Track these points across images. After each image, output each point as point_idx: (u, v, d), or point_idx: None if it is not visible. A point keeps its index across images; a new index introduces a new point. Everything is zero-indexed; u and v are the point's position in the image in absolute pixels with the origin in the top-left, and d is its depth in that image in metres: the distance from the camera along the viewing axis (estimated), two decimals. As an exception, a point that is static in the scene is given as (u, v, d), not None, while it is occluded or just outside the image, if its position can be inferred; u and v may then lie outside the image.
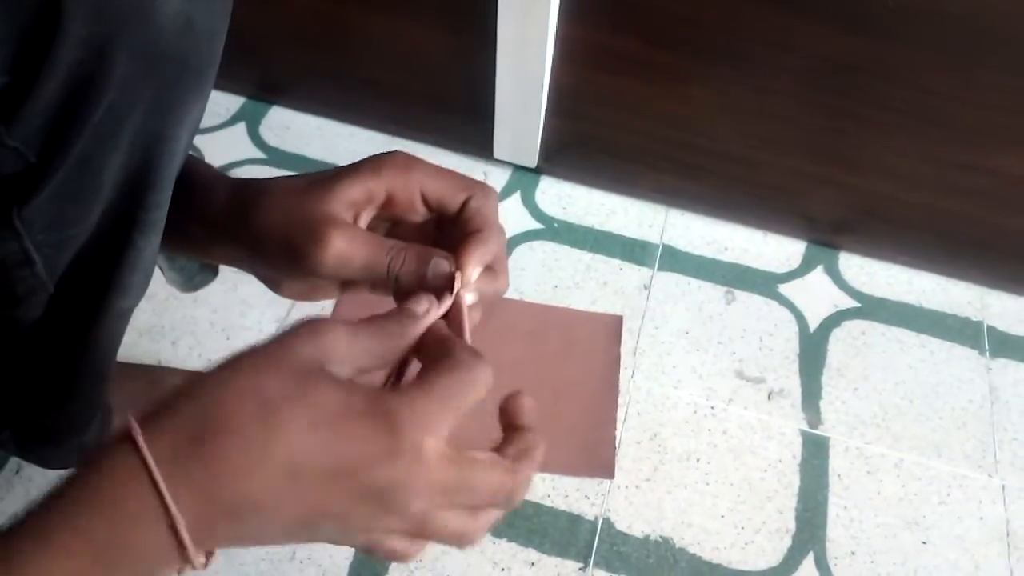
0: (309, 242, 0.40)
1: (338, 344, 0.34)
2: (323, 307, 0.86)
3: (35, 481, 0.71)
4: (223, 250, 0.48)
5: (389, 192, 0.42)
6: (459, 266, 0.40)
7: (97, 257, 0.45)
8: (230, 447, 0.31)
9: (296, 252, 0.41)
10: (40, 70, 0.35)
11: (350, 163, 0.43)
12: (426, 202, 0.43)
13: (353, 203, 0.42)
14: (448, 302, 0.39)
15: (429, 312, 0.38)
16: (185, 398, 0.32)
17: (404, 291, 0.41)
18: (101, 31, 0.35)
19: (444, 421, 0.34)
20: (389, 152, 0.43)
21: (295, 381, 0.32)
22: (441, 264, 0.40)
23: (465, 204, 0.42)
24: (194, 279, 0.60)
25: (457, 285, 0.40)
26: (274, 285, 0.47)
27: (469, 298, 0.40)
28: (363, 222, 0.43)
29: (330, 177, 0.42)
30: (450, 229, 0.43)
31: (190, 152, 0.47)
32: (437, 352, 0.36)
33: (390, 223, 0.45)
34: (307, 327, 0.34)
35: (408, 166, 0.43)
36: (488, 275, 0.42)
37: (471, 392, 0.35)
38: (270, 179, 0.44)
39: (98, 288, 0.47)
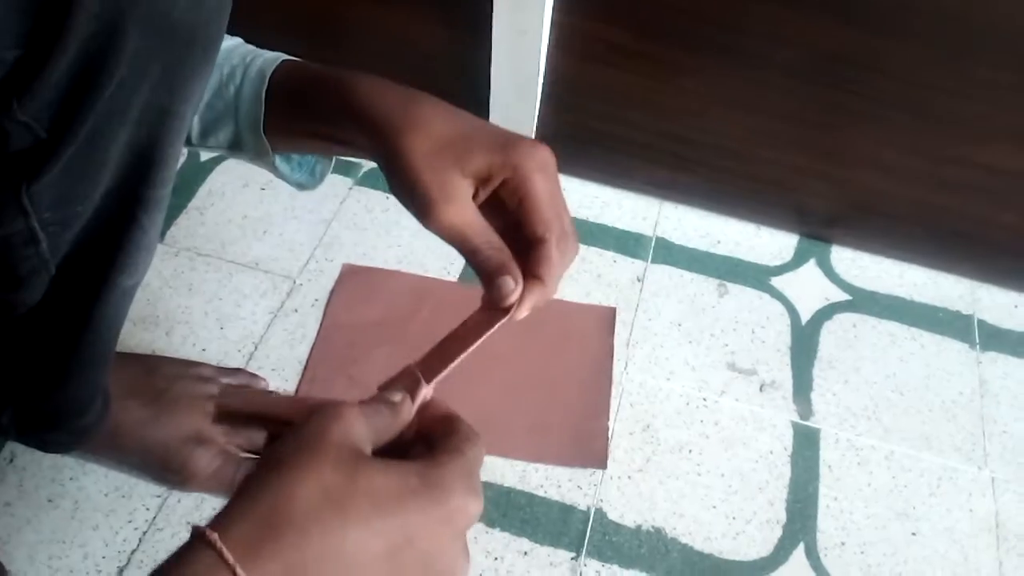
0: (426, 203, 0.43)
1: (356, 425, 0.36)
2: (318, 298, 0.86)
3: (29, 470, 0.71)
4: (356, 154, 0.50)
5: (507, 178, 0.44)
6: (513, 312, 0.44)
7: (101, 235, 0.45)
8: (307, 537, 0.31)
9: (415, 202, 0.44)
10: (53, 44, 0.35)
11: (491, 128, 0.46)
12: (521, 202, 0.45)
13: (477, 176, 0.44)
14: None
15: (403, 401, 0.41)
16: (249, 495, 0.33)
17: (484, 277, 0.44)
18: (114, 5, 0.35)
19: (480, 487, 0.37)
20: (532, 141, 0.46)
21: (348, 467, 0.34)
22: (506, 286, 0.43)
23: (543, 239, 0.44)
24: (316, 170, 0.60)
25: (507, 315, 0.44)
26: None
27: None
28: (482, 196, 0.45)
29: (464, 141, 0.44)
30: (521, 235, 0.45)
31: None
32: (443, 428, 0.41)
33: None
34: (332, 412, 0.36)
35: (536, 164, 0.45)
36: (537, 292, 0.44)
37: (481, 461, 0.39)
38: (401, 125, 0.45)
39: (102, 266, 0.47)
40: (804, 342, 0.88)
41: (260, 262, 0.88)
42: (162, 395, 0.69)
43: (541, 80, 0.89)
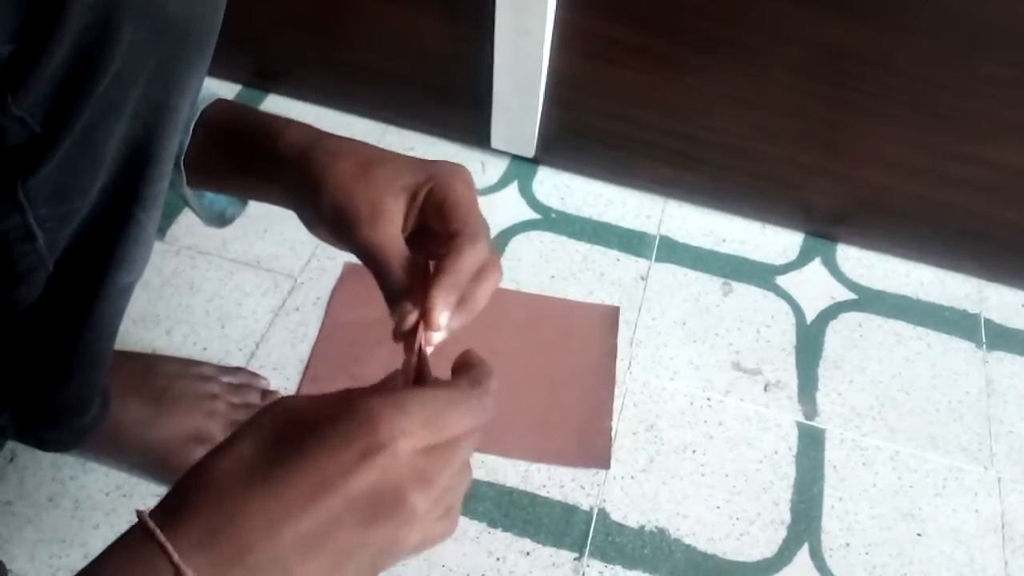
0: (354, 220, 0.44)
1: (296, 402, 0.36)
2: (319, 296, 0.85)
3: (30, 469, 0.71)
4: (272, 196, 0.52)
5: (429, 189, 0.46)
6: (426, 317, 0.42)
7: (98, 232, 0.45)
8: (221, 497, 0.32)
9: (343, 220, 0.45)
10: (47, 38, 0.34)
11: (412, 156, 0.48)
12: (440, 206, 0.45)
13: (405, 191, 0.46)
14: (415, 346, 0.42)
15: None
16: (179, 481, 0.34)
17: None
18: None
19: (423, 433, 0.35)
20: (452, 162, 0.47)
21: (272, 438, 0.34)
22: (403, 310, 0.43)
23: (456, 233, 0.44)
24: (226, 213, 0.62)
25: (418, 340, 0.42)
26: (310, 228, 0.50)
27: (438, 336, 0.43)
28: (412, 213, 0.46)
29: (390, 164, 0.46)
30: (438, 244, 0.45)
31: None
32: (462, 370, 0.40)
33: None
34: (270, 407, 0.36)
35: (455, 175, 0.46)
36: (460, 310, 0.43)
37: (461, 418, 0.37)
38: (334, 150, 0.47)
39: (99, 263, 0.47)
40: (809, 341, 0.87)
41: (261, 260, 0.88)
42: (163, 394, 0.69)
43: (544, 78, 0.88)
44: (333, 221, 0.45)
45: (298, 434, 0.34)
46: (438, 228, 0.45)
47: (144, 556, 0.31)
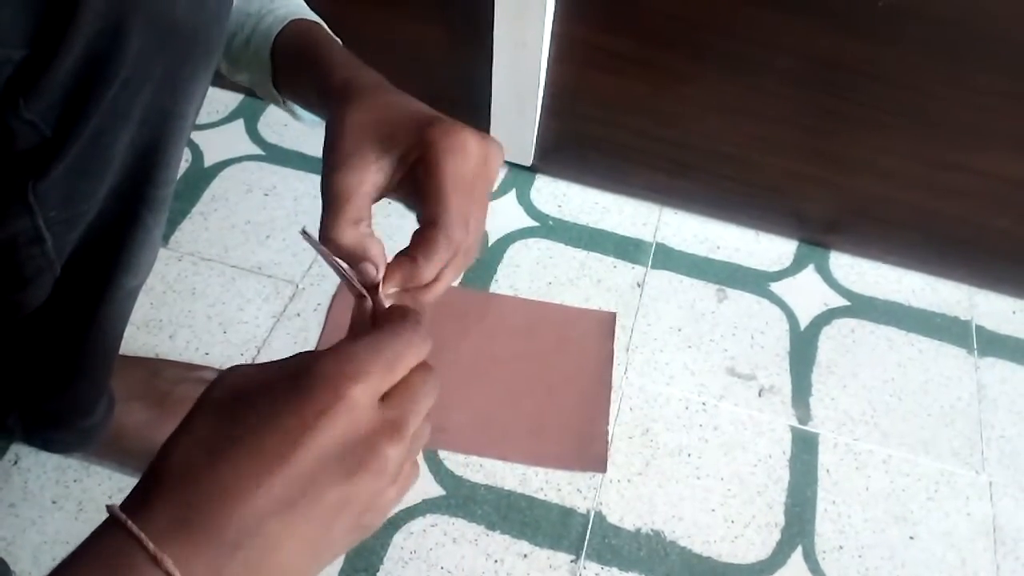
0: (331, 162, 0.41)
1: (242, 375, 0.34)
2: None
3: (33, 472, 0.72)
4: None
5: (420, 156, 0.42)
6: (372, 294, 0.41)
7: (106, 234, 0.46)
8: (184, 482, 0.31)
9: (326, 160, 0.42)
10: (59, 44, 0.35)
11: (423, 111, 0.43)
12: (423, 180, 0.42)
13: (397, 153, 0.42)
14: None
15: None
16: (144, 472, 0.33)
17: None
18: (119, 6, 0.36)
19: (373, 373, 0.33)
20: (458, 124, 0.42)
21: (220, 413, 0.33)
22: (365, 272, 0.41)
23: (432, 222, 0.41)
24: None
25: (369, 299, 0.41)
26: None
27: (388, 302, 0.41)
28: (398, 174, 0.42)
29: (393, 121, 0.42)
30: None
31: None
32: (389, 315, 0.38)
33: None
34: (215, 381, 0.35)
35: (450, 144, 0.41)
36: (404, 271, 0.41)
37: (404, 350, 0.35)
38: (357, 93, 0.44)
39: (106, 265, 0.47)
40: (803, 347, 0.88)
41: (263, 267, 0.89)
42: (166, 398, 0.70)
43: (542, 88, 0.89)
44: (324, 160, 0.43)
45: (251, 400, 0.32)
46: (417, 208, 0.42)
47: (120, 550, 0.30)
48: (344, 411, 0.32)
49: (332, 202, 0.41)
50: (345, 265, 0.41)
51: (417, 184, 0.41)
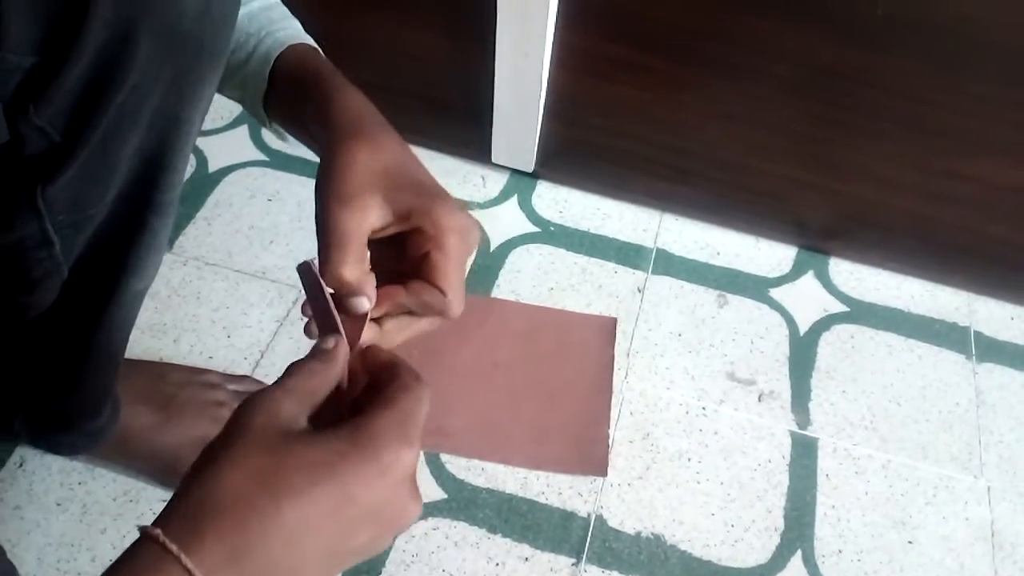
0: (338, 195, 0.42)
1: (282, 405, 0.36)
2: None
3: (38, 475, 0.73)
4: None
5: (422, 227, 0.44)
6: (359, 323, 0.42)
7: (112, 238, 0.46)
8: (245, 519, 0.32)
9: (330, 188, 0.43)
10: (69, 51, 0.36)
11: (430, 180, 0.45)
12: (428, 255, 0.44)
13: (397, 211, 0.44)
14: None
15: (338, 345, 0.40)
16: (186, 492, 0.33)
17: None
18: (127, 13, 0.36)
19: (415, 434, 0.36)
20: (461, 205, 0.45)
21: (275, 448, 0.34)
22: (358, 306, 0.42)
23: (441, 310, 0.44)
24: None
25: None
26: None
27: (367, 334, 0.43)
28: (391, 230, 0.44)
29: (401, 176, 0.44)
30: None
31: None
32: (387, 375, 0.39)
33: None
34: (253, 402, 0.36)
35: (455, 224, 0.44)
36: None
37: (423, 406, 0.38)
38: (365, 139, 0.45)
39: (113, 269, 0.48)
40: (802, 353, 0.89)
41: (267, 271, 0.90)
42: (170, 401, 0.70)
43: (543, 95, 0.90)
44: (323, 188, 0.43)
45: (306, 441, 0.34)
46: (418, 274, 0.44)
47: None
48: (400, 472, 0.35)
49: (340, 239, 0.42)
50: (333, 306, 0.41)
51: (412, 254, 0.44)
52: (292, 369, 0.38)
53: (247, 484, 0.33)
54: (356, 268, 0.42)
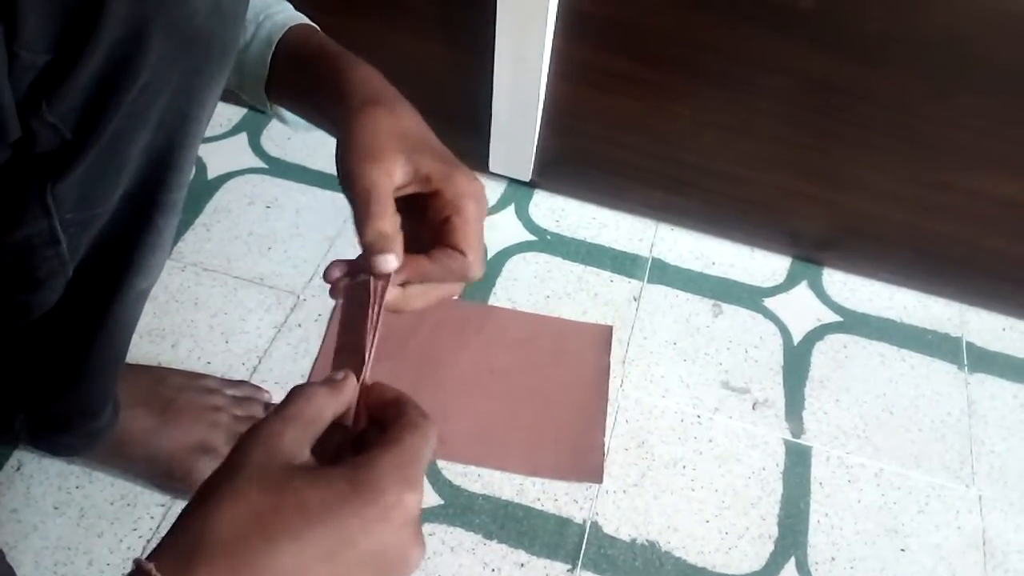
0: (362, 153, 0.44)
1: (284, 438, 0.35)
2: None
3: (36, 478, 0.73)
4: (326, 129, 0.52)
5: (441, 191, 0.45)
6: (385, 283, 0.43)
7: (118, 237, 0.46)
8: (239, 559, 0.32)
9: (354, 148, 0.44)
10: (82, 49, 0.36)
11: (444, 148, 0.47)
12: (449, 219, 0.45)
13: (418, 173, 0.45)
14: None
15: (347, 378, 0.40)
16: (183, 526, 0.33)
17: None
18: (141, 11, 0.37)
19: (419, 476, 0.36)
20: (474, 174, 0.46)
21: (274, 486, 0.34)
22: (385, 265, 0.43)
23: (462, 271, 0.45)
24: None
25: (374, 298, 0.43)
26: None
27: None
28: (410, 190, 0.46)
29: (421, 141, 0.46)
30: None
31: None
32: (393, 412, 0.39)
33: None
34: (254, 435, 0.36)
35: (473, 190, 0.45)
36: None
37: (429, 446, 0.37)
38: (384, 106, 0.47)
39: (118, 267, 0.48)
40: (796, 362, 0.89)
41: (265, 278, 0.90)
42: (169, 405, 0.71)
43: (541, 105, 0.91)
44: (346, 151, 0.44)
45: (307, 479, 0.34)
46: (443, 241, 0.45)
47: None
48: (402, 516, 0.34)
49: (377, 193, 0.43)
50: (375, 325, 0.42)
51: (432, 218, 0.45)
52: (292, 395, 0.37)
53: (243, 523, 0.32)
54: (392, 221, 0.43)
